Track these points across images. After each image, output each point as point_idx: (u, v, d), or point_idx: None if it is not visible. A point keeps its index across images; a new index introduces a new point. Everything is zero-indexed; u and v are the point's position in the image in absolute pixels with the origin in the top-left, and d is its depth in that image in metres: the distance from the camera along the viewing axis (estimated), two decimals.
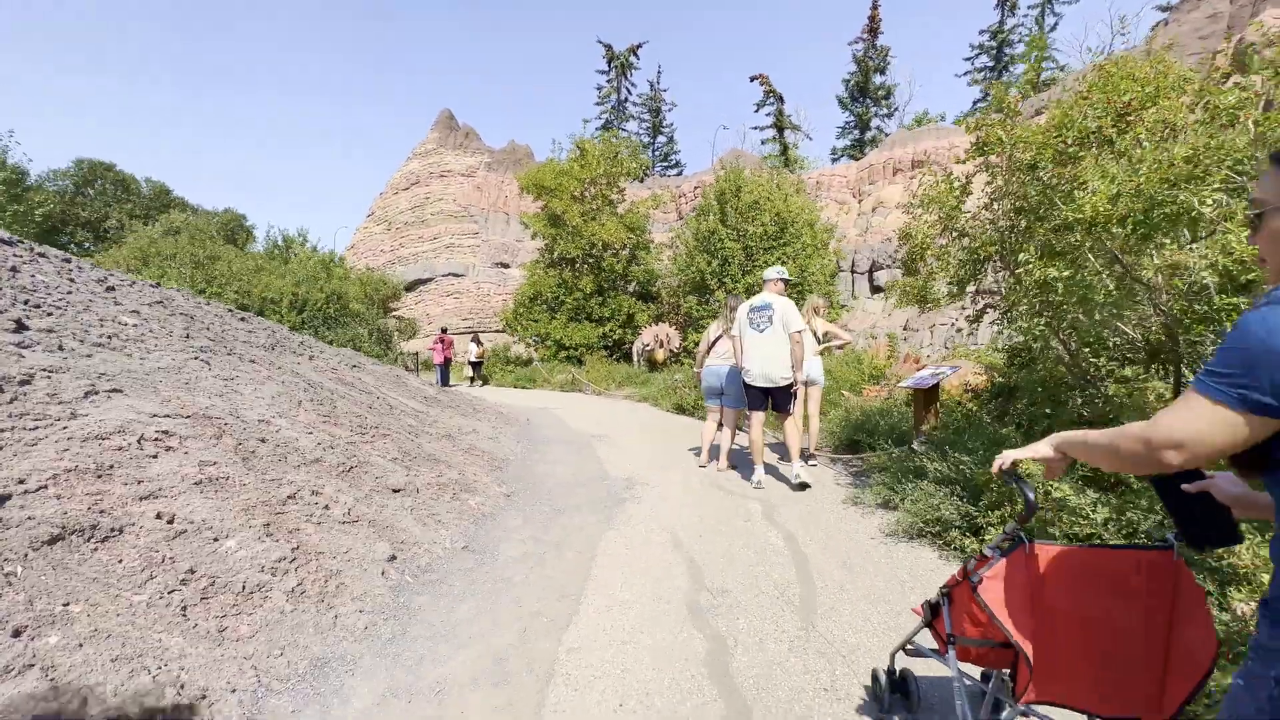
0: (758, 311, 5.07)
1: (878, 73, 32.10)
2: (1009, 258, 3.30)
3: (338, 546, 3.09)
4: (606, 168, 19.38)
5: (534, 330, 19.61)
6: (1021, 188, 3.02)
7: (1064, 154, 2.86)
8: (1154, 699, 1.41)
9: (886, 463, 4.79)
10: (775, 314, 4.98)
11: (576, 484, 5.31)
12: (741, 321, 5.13)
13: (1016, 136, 3.01)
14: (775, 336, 4.96)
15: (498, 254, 31.19)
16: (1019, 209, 3.19)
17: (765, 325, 5.00)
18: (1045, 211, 2.98)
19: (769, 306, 5.02)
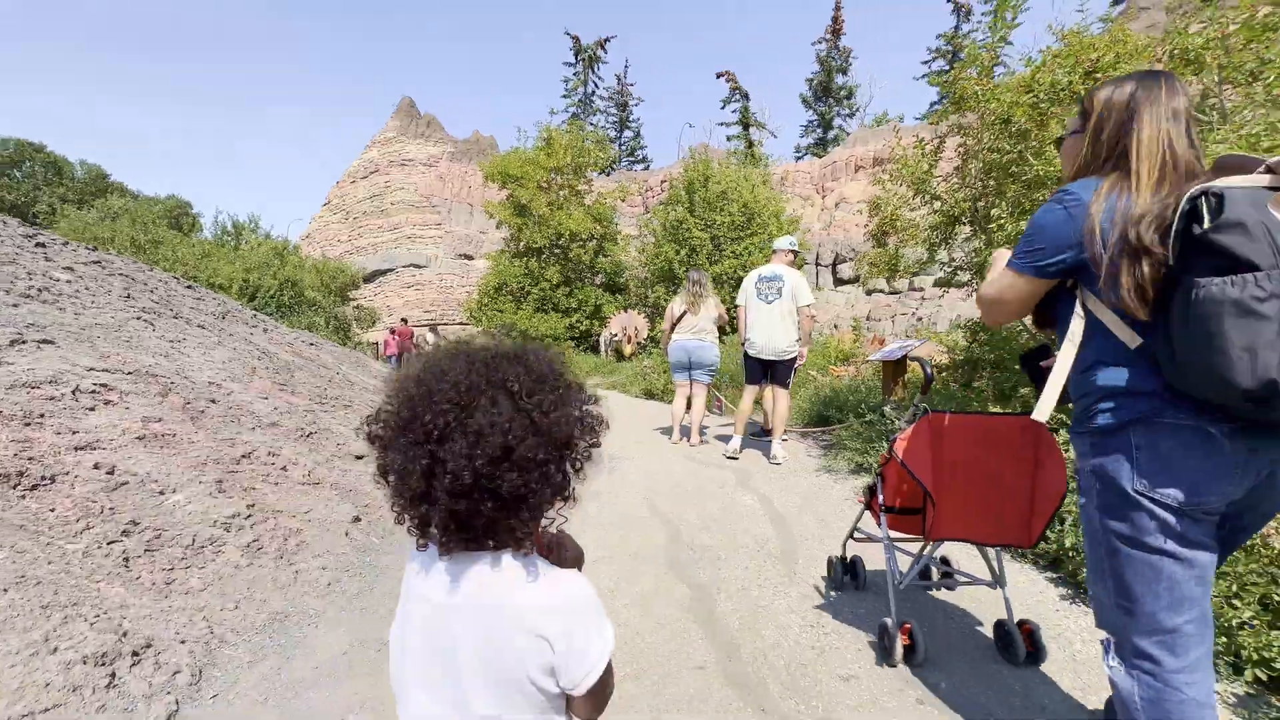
0: (767, 282, 4.89)
1: (840, 73, 32.82)
2: (980, 218, 3.36)
3: (297, 506, 2.91)
4: (574, 158, 19.18)
5: (499, 321, 19.26)
6: (996, 140, 3.07)
7: (1036, 108, 2.92)
8: (1024, 528, 1.83)
9: (859, 430, 4.84)
10: (786, 286, 4.78)
11: None
12: (748, 291, 4.96)
13: (990, 91, 3.06)
14: (784, 308, 4.78)
15: (461, 245, 30.59)
16: (989, 168, 3.25)
17: (774, 297, 4.79)
18: (1017, 168, 3.04)
19: (779, 278, 4.84)
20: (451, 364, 0.70)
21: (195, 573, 2.22)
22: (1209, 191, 1.00)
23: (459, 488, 0.63)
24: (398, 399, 0.69)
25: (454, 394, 0.66)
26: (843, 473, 4.54)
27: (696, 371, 5.76)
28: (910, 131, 23.34)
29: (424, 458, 0.64)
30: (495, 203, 20.22)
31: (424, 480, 0.64)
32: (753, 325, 4.90)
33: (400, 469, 0.66)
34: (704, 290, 5.69)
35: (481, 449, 0.64)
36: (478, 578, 0.69)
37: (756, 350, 4.88)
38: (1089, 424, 1.21)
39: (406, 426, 0.66)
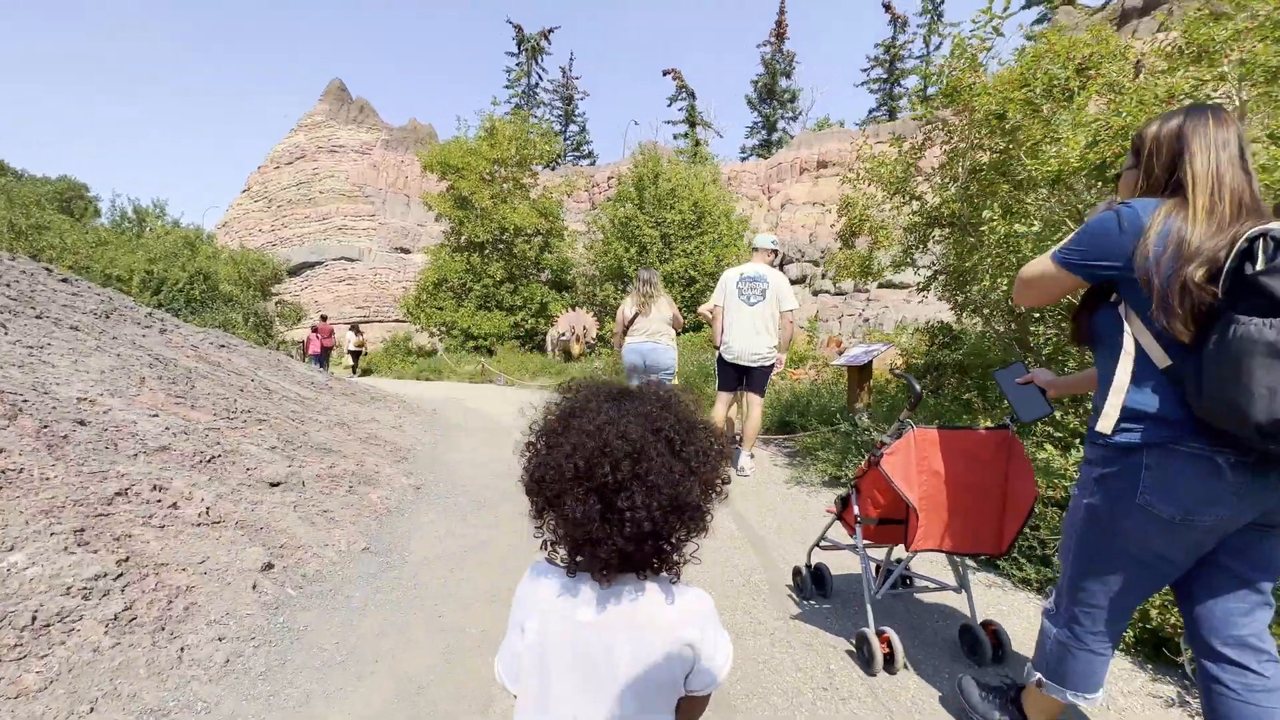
0: (749, 282, 4.57)
1: (784, 76, 33.39)
2: (967, 218, 3.19)
3: (189, 555, 2.35)
4: (518, 149, 18.46)
5: (439, 319, 18.32)
6: (990, 139, 2.90)
7: (1030, 103, 2.76)
8: (996, 537, 1.96)
9: (830, 439, 4.64)
10: (770, 288, 4.49)
11: (497, 473, 4.72)
12: (728, 290, 4.63)
13: (982, 86, 2.88)
14: (766, 311, 4.50)
15: (397, 238, 29.09)
16: (976, 168, 3.08)
17: (757, 299, 4.48)
18: (1008, 167, 2.87)
19: (763, 279, 4.52)
20: (618, 414, 0.73)
21: (34, 664, 1.67)
22: (1269, 234, 1.06)
23: (638, 534, 0.70)
24: (565, 447, 0.71)
25: (628, 446, 0.70)
26: (815, 485, 4.32)
27: (653, 377, 5.42)
28: (856, 135, 23.93)
29: (599, 504, 0.69)
30: (434, 194, 19.20)
31: (603, 526, 0.70)
32: (731, 328, 4.58)
33: (580, 516, 0.70)
34: (655, 289, 5.35)
35: (656, 499, 0.70)
36: (628, 600, 0.75)
37: (734, 355, 4.57)
38: (1109, 436, 1.28)
39: (584, 476, 0.70)
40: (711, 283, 14.41)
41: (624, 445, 0.70)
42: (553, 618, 0.77)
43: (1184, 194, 1.21)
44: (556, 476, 0.72)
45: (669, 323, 5.39)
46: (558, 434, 0.74)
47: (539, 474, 0.75)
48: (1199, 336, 1.13)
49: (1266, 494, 1.17)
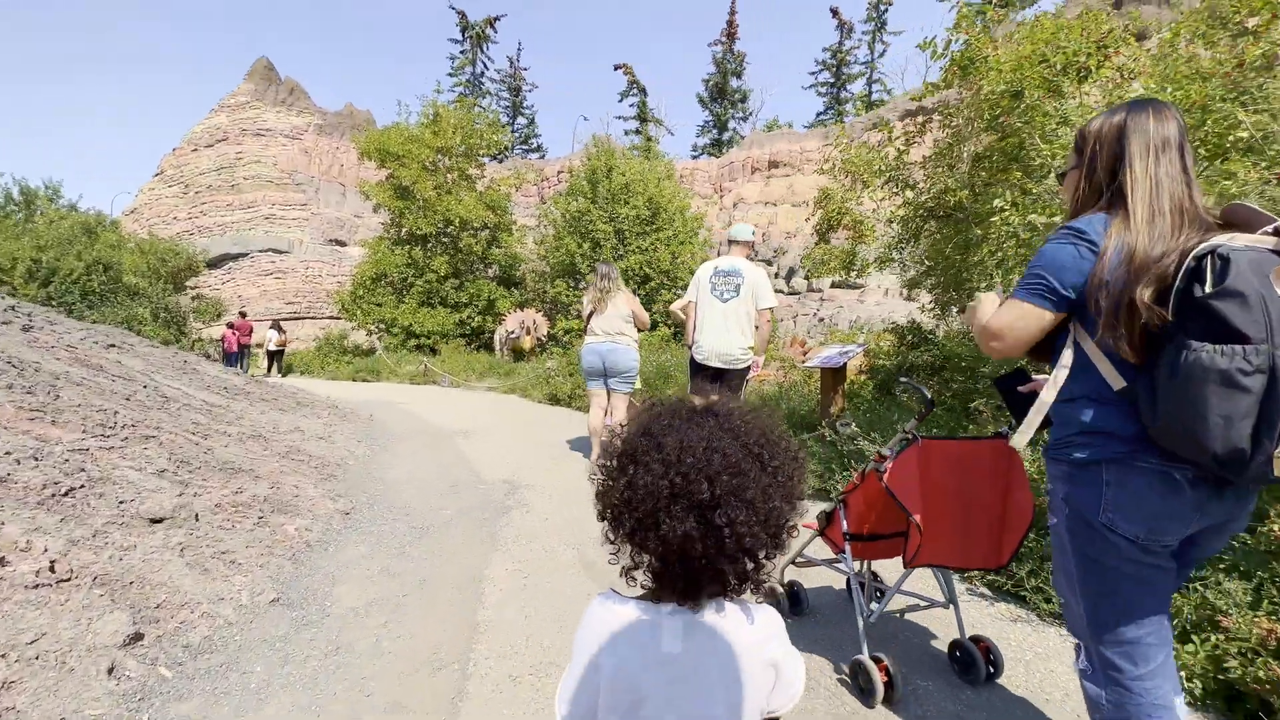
0: (724, 276, 4.19)
1: (735, 76, 33.56)
2: (971, 209, 2.92)
3: (10, 634, 1.74)
4: (464, 139, 17.56)
5: (377, 316, 17.20)
6: (1005, 117, 2.62)
7: (1048, 81, 2.50)
8: (994, 551, 1.86)
9: (811, 448, 4.32)
10: (745, 283, 4.09)
11: (443, 492, 4.16)
12: (700, 285, 4.25)
13: (995, 60, 2.61)
14: (741, 309, 4.14)
15: (331, 230, 27.39)
16: (983, 154, 2.81)
17: (730, 294, 4.10)
18: (1021, 152, 2.61)
19: (738, 272, 4.16)
20: (712, 429, 0.72)
21: None
22: (1215, 252, 1.04)
23: (737, 550, 0.68)
24: (656, 466, 0.69)
25: (724, 462, 0.69)
26: None
27: (614, 379, 4.98)
28: (804, 137, 24.21)
29: (697, 522, 0.67)
30: (373, 183, 18.03)
31: (701, 544, 0.67)
32: (703, 326, 4.20)
33: (680, 535, 0.67)
34: (612, 284, 4.90)
35: (753, 515, 0.68)
36: (714, 625, 0.72)
37: (704, 355, 4.18)
38: (1066, 454, 1.28)
39: (681, 494, 0.68)
40: (667, 281, 14.08)
41: (720, 460, 0.69)
42: (636, 652, 0.72)
43: (1124, 203, 1.19)
44: (650, 496, 0.69)
45: (629, 320, 4.96)
46: (649, 453, 0.71)
47: (627, 495, 0.71)
48: (1150, 356, 1.13)
49: (1225, 506, 1.18)
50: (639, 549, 0.72)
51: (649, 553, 0.71)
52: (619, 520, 0.73)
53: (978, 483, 1.84)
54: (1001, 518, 1.84)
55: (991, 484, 1.84)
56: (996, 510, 1.84)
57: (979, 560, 1.89)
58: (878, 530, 2.11)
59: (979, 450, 1.85)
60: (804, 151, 22.55)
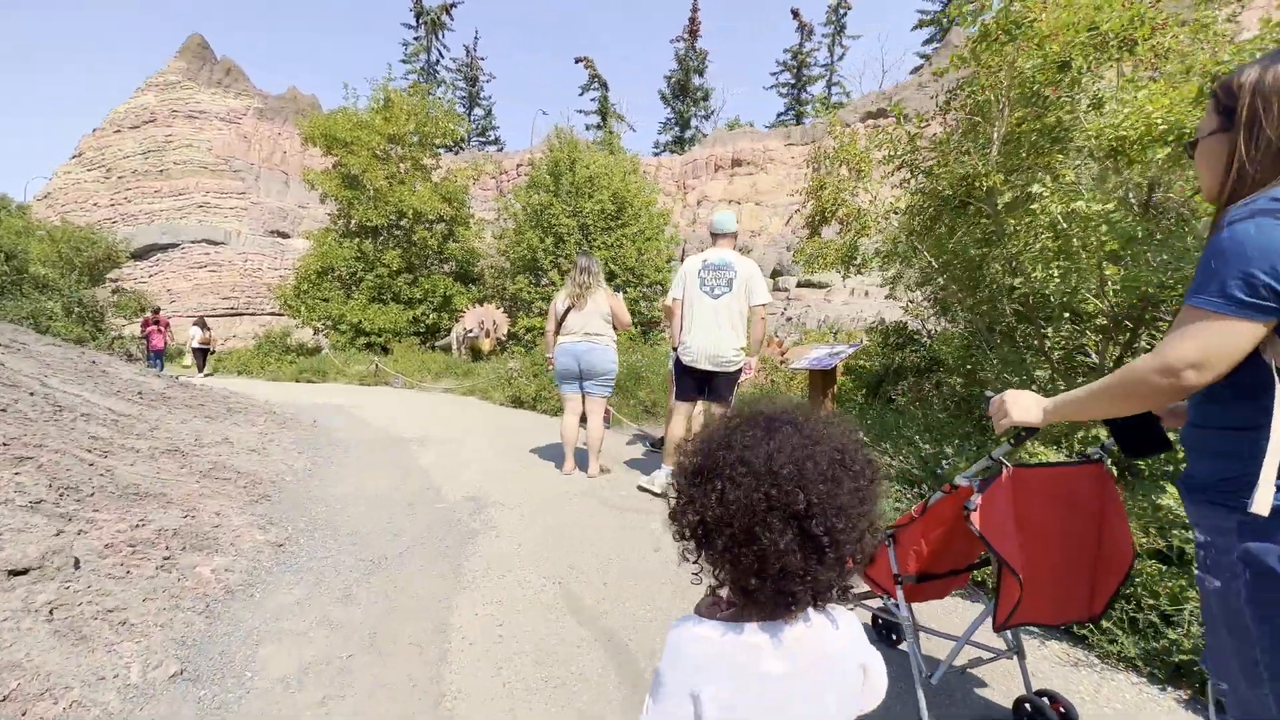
0: (714, 270, 3.82)
1: (697, 74, 33.42)
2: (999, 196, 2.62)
3: None
4: (418, 126, 16.68)
5: (323, 312, 16.15)
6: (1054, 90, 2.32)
7: (1099, 49, 2.23)
8: (1086, 599, 1.57)
9: None
10: (737, 277, 3.77)
11: (397, 512, 3.63)
12: (688, 279, 3.87)
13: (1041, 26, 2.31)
14: (734, 305, 3.78)
15: (273, 220, 25.79)
16: (1017, 133, 2.52)
17: (722, 290, 3.77)
18: (1064, 131, 2.33)
19: (729, 266, 3.81)
20: (803, 438, 0.70)
21: None
22: None
23: (835, 560, 0.67)
24: (749, 479, 0.67)
25: (818, 471, 0.67)
26: None
27: (590, 383, 4.55)
28: (767, 136, 24.19)
29: (797, 533, 0.66)
30: (318, 171, 16.91)
31: (801, 554, 0.66)
32: (691, 325, 3.83)
33: (781, 547, 0.65)
34: (592, 279, 4.48)
35: (848, 522, 0.67)
36: (808, 637, 0.70)
37: (693, 357, 3.81)
38: (1245, 499, 0.96)
39: (778, 505, 0.66)
40: (633, 278, 13.68)
41: (813, 469, 0.66)
42: (736, 675, 0.67)
43: None
44: (745, 510, 0.66)
45: (608, 318, 4.54)
46: (736, 466, 0.68)
47: (719, 511, 0.67)
48: None
49: None
50: (733, 565, 0.69)
51: (744, 569, 0.68)
52: (709, 538, 0.70)
53: (1076, 518, 1.53)
54: (1097, 558, 1.55)
55: (1087, 519, 1.54)
56: (1093, 550, 1.55)
57: (1074, 613, 1.59)
58: (931, 570, 1.78)
59: (1077, 478, 1.53)
60: (767, 150, 22.55)
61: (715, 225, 4.11)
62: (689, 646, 0.69)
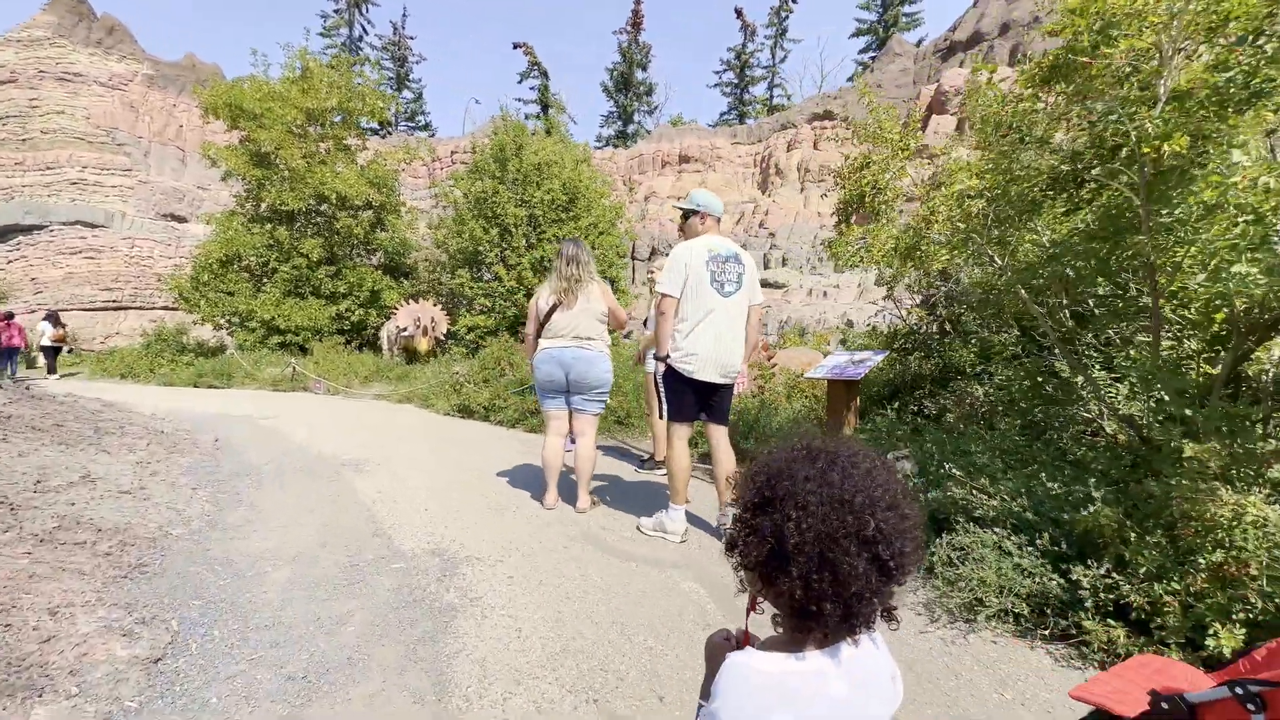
0: (723, 263, 3.17)
1: (640, 68, 32.75)
2: (1168, 164, 2.04)
3: None
4: (341, 101, 14.99)
5: (228, 307, 14.20)
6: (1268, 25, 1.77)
7: None
8: None
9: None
10: (746, 272, 3.23)
11: (337, 582, 2.66)
12: (692, 270, 3.15)
13: None
14: (744, 305, 3.25)
15: (166, 202, 22.86)
16: (1188, 91, 1.96)
17: (733, 287, 3.17)
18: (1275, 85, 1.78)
19: (737, 258, 3.22)
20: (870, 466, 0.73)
21: None
22: None
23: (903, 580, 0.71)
24: (821, 507, 0.69)
25: (886, 498, 0.71)
26: None
27: (580, 397, 3.74)
28: (713, 134, 23.86)
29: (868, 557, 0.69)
30: (223, 147, 14.85)
31: (875, 579, 0.68)
32: (697, 327, 3.14)
33: (858, 572, 0.68)
34: (583, 270, 3.67)
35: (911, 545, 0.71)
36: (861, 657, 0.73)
37: (699, 366, 3.15)
38: None
39: (853, 532, 0.68)
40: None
41: (883, 495, 0.71)
42: (807, 704, 0.69)
43: None
44: (820, 538, 0.68)
45: (603, 319, 3.74)
46: (807, 495, 0.70)
47: (796, 539, 0.69)
48: None
49: None
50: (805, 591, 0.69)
51: (815, 594, 0.68)
52: (780, 567, 0.70)
53: None
54: None
55: None
56: None
57: None
58: None
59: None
60: (715, 148, 22.21)
61: (706, 205, 3.39)
62: (755, 679, 0.69)
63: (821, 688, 0.69)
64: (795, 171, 19.14)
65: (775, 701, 0.67)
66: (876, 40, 28.94)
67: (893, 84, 20.49)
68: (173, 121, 24.07)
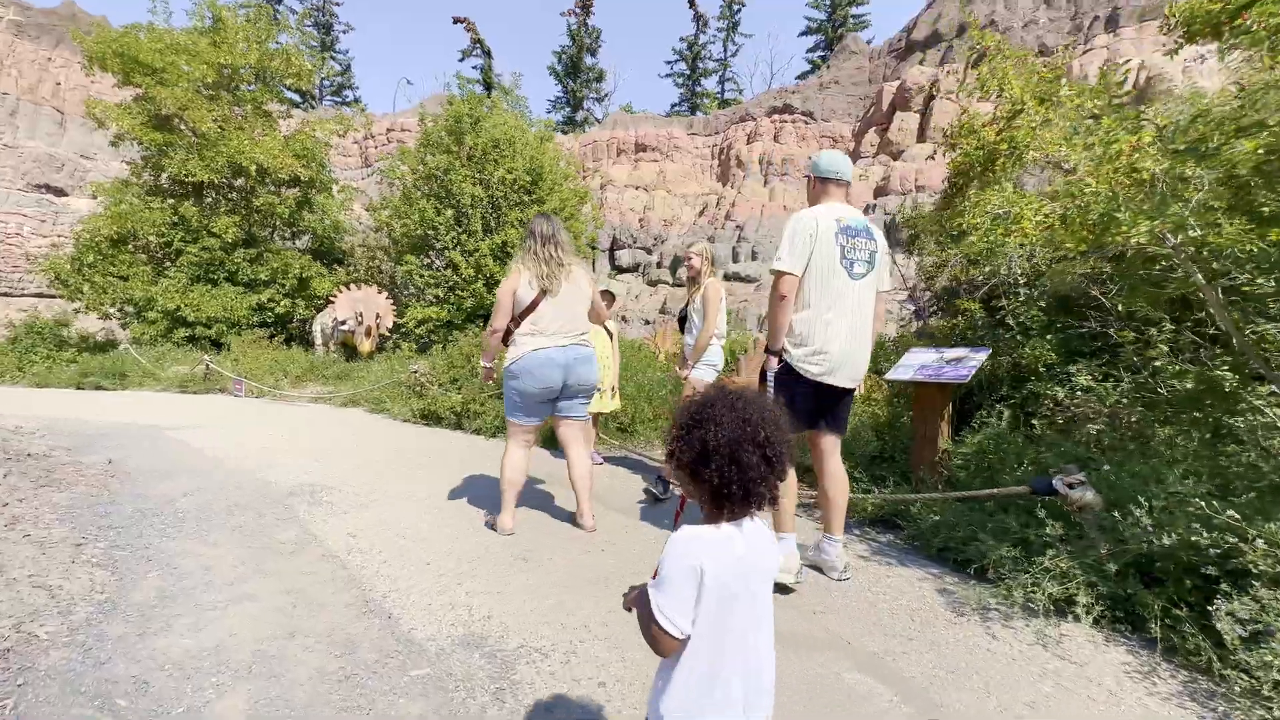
0: (853, 237, 2.54)
1: (589, 53, 31.52)
2: None
3: None
4: (260, 59, 13.09)
5: (120, 293, 12.08)
6: None
7: None
8: None
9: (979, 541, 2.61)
10: (879, 251, 2.62)
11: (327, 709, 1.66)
12: (819, 245, 2.47)
13: None
14: (871, 292, 2.62)
15: (40, 171, 19.66)
16: None
17: (864, 268, 2.56)
18: None
19: (869, 233, 2.60)
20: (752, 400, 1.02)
21: None
22: None
23: (782, 472, 1.00)
24: (734, 422, 0.98)
25: (771, 418, 1.00)
26: (1016, 609, 2.29)
27: (572, 402, 3.14)
28: (668, 123, 23.10)
29: (762, 459, 0.97)
30: (114, 105, 12.59)
31: (767, 470, 0.98)
32: (823, 316, 2.52)
33: (754, 463, 0.96)
34: (560, 251, 3.04)
35: (788, 448, 1.01)
36: (755, 531, 1.02)
37: (829, 369, 2.53)
38: None
39: (752, 438, 0.97)
40: None
41: (770, 418, 0.99)
42: (721, 557, 0.97)
43: None
44: (730, 442, 0.96)
45: (588, 308, 3.14)
46: (723, 417, 0.98)
47: (714, 443, 0.97)
48: None
49: None
50: (722, 482, 0.96)
51: (728, 481, 0.96)
52: (704, 464, 0.98)
53: None
54: None
55: None
56: None
57: None
58: None
59: None
60: (672, 137, 21.51)
61: (832, 169, 2.67)
62: (691, 544, 0.97)
63: (729, 546, 0.98)
64: (757, 164, 18.77)
65: (699, 550, 0.95)
66: (825, 39, 29.23)
67: (849, 81, 20.54)
68: (48, 78, 20.71)
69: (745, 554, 0.98)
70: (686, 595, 0.94)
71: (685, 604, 0.94)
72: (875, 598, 2.49)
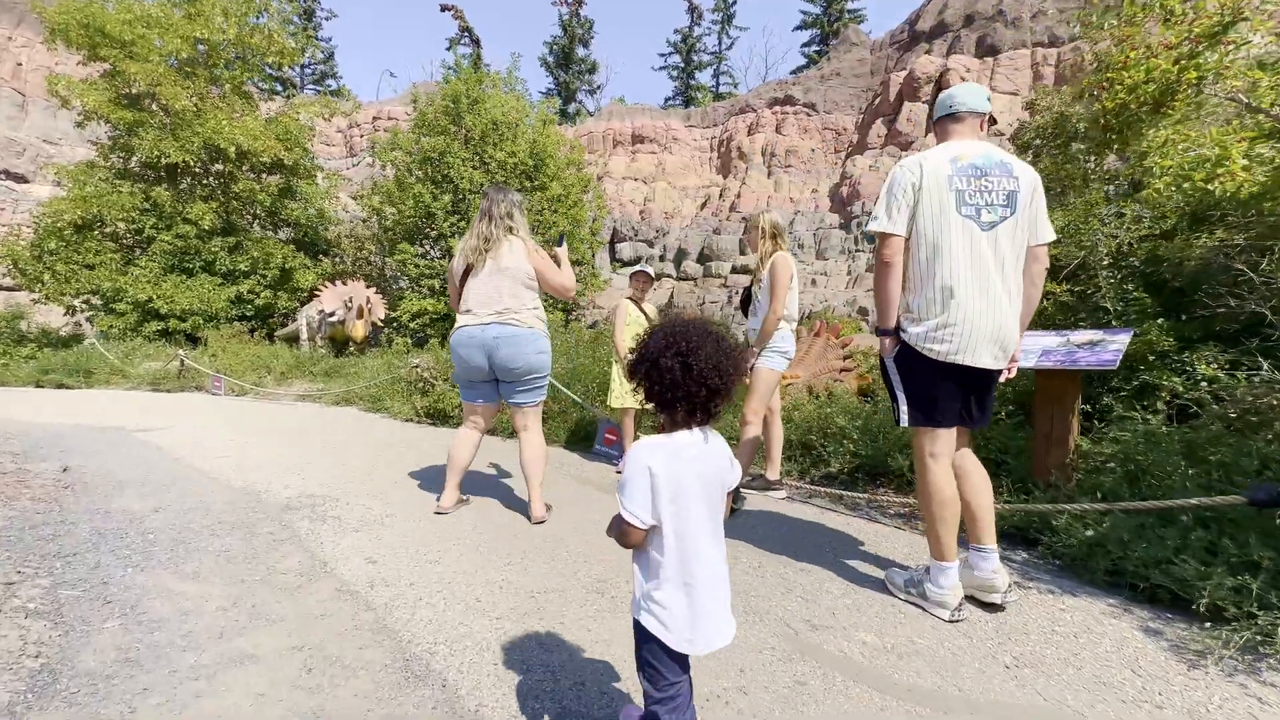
0: (978, 176, 1.98)
1: (582, 44, 30.78)
2: None
3: None
4: (240, 35, 12.23)
5: (85, 283, 11.16)
6: None
7: None
8: None
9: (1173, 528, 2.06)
10: (1021, 191, 1.98)
11: None
12: (933, 192, 1.99)
13: None
14: (1018, 242, 2.00)
15: (0, 156, 18.45)
16: None
17: (999, 212, 1.97)
18: None
19: (1005, 168, 2.00)
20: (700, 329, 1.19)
21: None
22: None
23: (728, 392, 1.17)
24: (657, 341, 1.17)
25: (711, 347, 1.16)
26: (1267, 672, 1.74)
27: (511, 387, 2.96)
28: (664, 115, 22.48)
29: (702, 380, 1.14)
30: (79, 81, 11.63)
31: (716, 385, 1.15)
32: (946, 281, 2.01)
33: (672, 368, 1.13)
34: (497, 226, 2.91)
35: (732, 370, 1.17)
36: (708, 438, 1.19)
37: (962, 345, 2.00)
38: None
39: (670, 349, 1.14)
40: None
41: (711, 347, 1.15)
42: (669, 460, 1.14)
43: None
44: (657, 350, 1.15)
45: (530, 284, 2.92)
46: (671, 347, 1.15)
47: (668, 366, 1.13)
48: None
49: None
50: (673, 395, 1.15)
51: (689, 396, 1.14)
52: (661, 383, 1.15)
53: None
54: None
55: None
56: None
57: None
58: None
59: None
60: (670, 129, 20.93)
61: (947, 103, 2.12)
62: (640, 450, 1.15)
63: (682, 449, 1.15)
64: (760, 155, 18.27)
65: (647, 454, 1.13)
66: (821, 33, 28.88)
67: (850, 73, 20.15)
68: (8, 58, 19.48)
69: (698, 456, 1.17)
70: (641, 488, 1.14)
71: (643, 497, 1.14)
72: (1068, 642, 1.93)
